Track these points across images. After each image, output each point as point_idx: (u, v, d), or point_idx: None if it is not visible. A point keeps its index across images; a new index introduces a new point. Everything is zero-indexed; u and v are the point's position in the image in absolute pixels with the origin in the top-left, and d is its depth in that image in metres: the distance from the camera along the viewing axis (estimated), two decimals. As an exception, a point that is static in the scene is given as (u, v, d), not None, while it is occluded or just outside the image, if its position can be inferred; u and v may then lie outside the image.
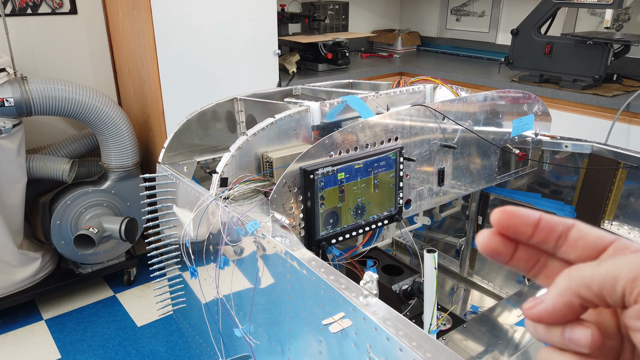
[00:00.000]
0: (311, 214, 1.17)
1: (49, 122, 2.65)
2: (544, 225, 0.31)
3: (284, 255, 1.01)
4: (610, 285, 0.27)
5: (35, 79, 2.13)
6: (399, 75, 3.38)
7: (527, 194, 1.77)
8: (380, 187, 1.28)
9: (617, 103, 2.36)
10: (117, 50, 2.71)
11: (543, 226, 0.31)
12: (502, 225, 0.32)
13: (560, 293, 0.29)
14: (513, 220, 0.31)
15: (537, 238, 0.31)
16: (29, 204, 2.48)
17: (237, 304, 1.26)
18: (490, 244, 0.32)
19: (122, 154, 2.38)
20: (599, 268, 0.28)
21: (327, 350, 0.94)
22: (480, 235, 0.33)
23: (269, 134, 1.30)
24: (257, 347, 1.21)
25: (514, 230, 0.32)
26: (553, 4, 2.58)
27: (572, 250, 0.31)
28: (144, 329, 2.35)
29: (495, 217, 0.32)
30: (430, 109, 1.36)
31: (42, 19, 2.54)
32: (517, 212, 0.31)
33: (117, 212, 2.46)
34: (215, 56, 2.44)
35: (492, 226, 0.32)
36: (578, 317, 0.29)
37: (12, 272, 2.28)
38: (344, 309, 0.86)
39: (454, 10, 3.82)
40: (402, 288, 1.56)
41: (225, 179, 1.24)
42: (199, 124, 1.60)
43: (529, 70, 2.79)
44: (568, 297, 0.28)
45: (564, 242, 0.31)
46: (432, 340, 0.73)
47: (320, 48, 3.10)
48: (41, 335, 2.30)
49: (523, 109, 1.61)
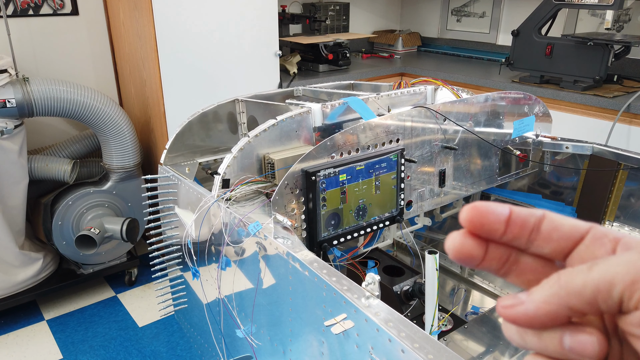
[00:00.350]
0: (313, 216, 1.17)
1: (51, 122, 2.66)
2: (515, 219, 0.28)
3: (286, 257, 1.01)
4: (605, 291, 0.25)
5: (37, 80, 2.13)
6: (400, 76, 3.38)
7: (527, 195, 1.78)
8: (381, 189, 1.28)
9: (618, 104, 2.36)
10: (119, 51, 2.72)
11: (515, 220, 0.28)
12: (474, 224, 0.28)
13: (545, 299, 0.26)
14: (486, 218, 0.28)
15: (510, 234, 0.29)
16: (31, 204, 2.48)
17: (238, 305, 1.26)
18: (463, 248, 0.29)
19: (124, 155, 2.38)
20: (591, 273, 0.25)
21: (329, 351, 0.94)
22: (450, 240, 0.29)
23: (270, 136, 1.31)
24: (259, 347, 1.21)
25: (488, 229, 0.28)
26: (553, 4, 2.59)
27: (546, 243, 0.29)
28: (145, 330, 2.35)
29: (466, 215, 0.28)
30: (431, 111, 1.36)
31: (44, 20, 2.54)
32: (489, 207, 0.28)
33: (119, 213, 2.47)
34: (216, 57, 2.44)
35: (462, 226, 0.29)
36: (558, 325, 0.27)
37: (13, 272, 2.28)
38: (346, 310, 0.87)
39: (455, 11, 3.82)
40: (403, 289, 1.57)
41: (227, 181, 1.24)
42: (201, 125, 1.61)
43: (529, 71, 2.79)
44: (555, 305, 0.26)
45: (536, 235, 0.29)
46: (434, 342, 0.73)
47: (321, 49, 3.10)
48: (43, 336, 2.31)
49: (524, 110, 1.61)
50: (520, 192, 1.80)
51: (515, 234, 0.29)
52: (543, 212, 0.29)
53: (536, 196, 1.75)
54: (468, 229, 0.29)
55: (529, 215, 0.29)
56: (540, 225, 0.29)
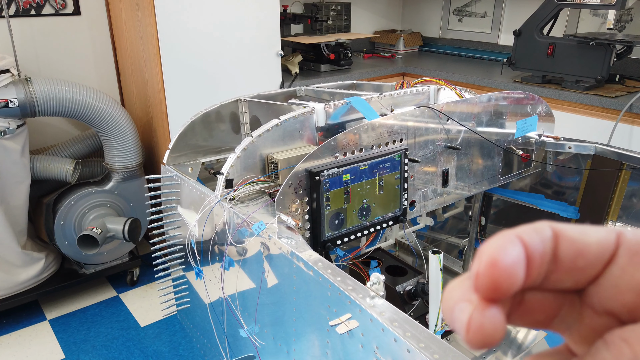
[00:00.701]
0: (317, 215, 1.17)
1: (53, 122, 2.66)
2: (532, 256, 0.21)
3: (290, 257, 1.01)
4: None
5: (39, 80, 2.13)
6: (401, 76, 3.38)
7: (530, 195, 1.78)
8: (385, 189, 1.28)
9: (620, 104, 2.36)
10: (121, 51, 2.72)
11: (532, 257, 0.21)
12: (488, 288, 0.20)
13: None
14: (501, 277, 0.20)
15: (530, 279, 0.21)
16: (33, 204, 2.48)
17: (242, 305, 1.26)
18: (491, 324, 0.20)
19: (126, 155, 2.39)
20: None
21: (333, 351, 0.94)
22: (471, 323, 0.20)
23: (273, 135, 1.31)
24: (263, 347, 1.21)
25: (506, 289, 0.20)
26: (555, 4, 2.59)
27: (568, 276, 0.21)
28: (148, 329, 2.35)
29: (479, 280, 0.20)
30: (434, 110, 1.36)
31: (46, 20, 2.54)
32: (499, 259, 0.20)
33: (121, 213, 2.47)
34: (218, 57, 2.44)
35: (476, 291, 0.21)
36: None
37: (15, 272, 2.28)
38: (350, 310, 0.87)
39: (456, 10, 3.82)
40: (406, 289, 1.57)
41: (230, 180, 1.25)
42: (203, 125, 1.61)
43: (531, 71, 2.79)
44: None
45: (555, 266, 0.21)
46: (440, 342, 0.73)
47: (322, 49, 3.10)
48: (45, 336, 2.31)
49: (526, 110, 1.61)
50: (522, 192, 1.80)
51: (533, 277, 0.21)
52: (553, 229, 0.21)
53: (539, 196, 1.75)
54: (484, 295, 0.20)
55: (543, 241, 0.21)
56: (558, 251, 0.21)
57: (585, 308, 0.22)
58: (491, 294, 0.20)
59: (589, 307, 0.22)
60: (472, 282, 0.20)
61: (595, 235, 0.21)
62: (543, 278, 0.21)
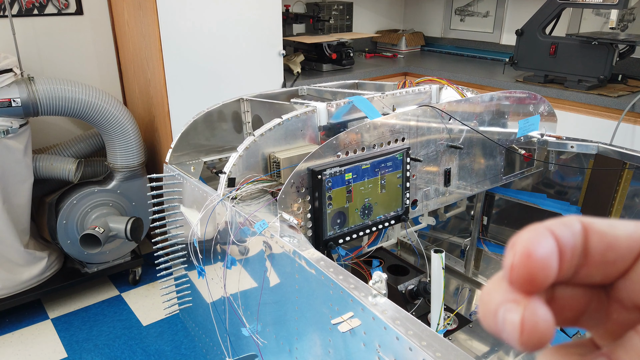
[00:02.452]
0: (319, 214, 1.17)
1: (55, 122, 2.66)
2: (564, 249, 0.20)
3: (293, 255, 1.01)
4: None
5: (42, 79, 2.14)
6: (403, 76, 3.38)
7: (532, 195, 1.77)
8: (387, 188, 1.28)
9: (622, 103, 2.36)
10: (123, 50, 2.73)
11: (564, 250, 0.20)
12: (525, 280, 0.20)
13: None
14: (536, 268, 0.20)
15: (562, 273, 0.21)
16: (35, 203, 2.49)
17: (244, 304, 1.27)
18: (545, 323, 0.20)
19: (128, 154, 2.39)
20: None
21: (336, 349, 0.95)
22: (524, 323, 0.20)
23: (276, 135, 1.31)
24: (265, 346, 1.21)
25: (543, 278, 0.20)
26: (558, 4, 2.58)
27: (598, 270, 0.21)
28: (150, 328, 2.36)
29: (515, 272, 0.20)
30: (436, 110, 1.36)
31: (48, 19, 2.55)
32: (533, 251, 0.20)
33: (123, 212, 2.48)
34: (221, 57, 2.45)
35: (511, 285, 0.20)
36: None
37: (18, 271, 2.29)
38: (353, 308, 0.87)
39: (458, 10, 3.82)
40: (407, 288, 1.57)
41: (232, 179, 1.25)
42: (206, 125, 1.61)
43: (533, 70, 2.79)
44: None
45: (585, 260, 0.21)
46: (442, 340, 0.73)
47: (324, 48, 3.10)
48: (47, 334, 2.32)
49: (529, 110, 1.61)
50: (524, 192, 1.80)
51: (564, 271, 0.21)
52: (583, 223, 0.21)
53: (541, 196, 1.75)
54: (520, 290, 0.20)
55: (573, 235, 0.21)
56: (588, 245, 0.21)
57: (613, 303, 0.22)
58: (527, 287, 0.20)
59: (616, 301, 0.22)
60: (507, 276, 0.20)
61: (624, 228, 0.21)
62: (573, 272, 0.21)
